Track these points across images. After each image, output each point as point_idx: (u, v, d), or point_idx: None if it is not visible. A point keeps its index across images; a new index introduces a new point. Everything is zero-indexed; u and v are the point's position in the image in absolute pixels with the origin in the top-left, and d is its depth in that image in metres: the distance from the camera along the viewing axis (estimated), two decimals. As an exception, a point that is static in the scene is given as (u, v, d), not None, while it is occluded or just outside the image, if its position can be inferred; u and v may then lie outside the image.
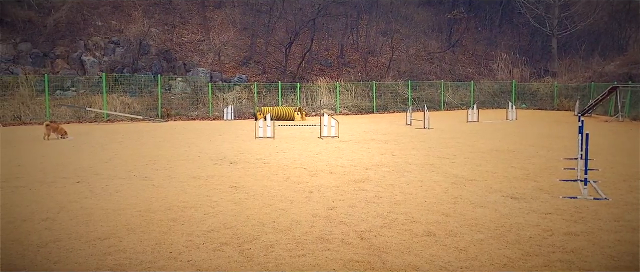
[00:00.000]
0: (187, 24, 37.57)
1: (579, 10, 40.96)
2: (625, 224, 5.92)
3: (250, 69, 35.57)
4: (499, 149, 13.15)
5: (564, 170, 9.45)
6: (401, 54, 39.94)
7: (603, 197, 7.26)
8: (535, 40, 44.24)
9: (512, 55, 39.47)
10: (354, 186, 8.28)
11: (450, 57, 42.10)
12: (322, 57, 38.64)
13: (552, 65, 39.80)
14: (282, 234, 5.61)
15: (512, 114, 24.55)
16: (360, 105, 32.19)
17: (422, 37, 42.53)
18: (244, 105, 29.58)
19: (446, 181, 8.74)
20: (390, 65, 38.16)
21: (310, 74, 35.80)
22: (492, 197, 7.37)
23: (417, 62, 40.28)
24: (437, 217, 6.26)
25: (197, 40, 36.16)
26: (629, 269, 4.48)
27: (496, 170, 9.83)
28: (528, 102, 34.36)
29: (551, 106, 33.31)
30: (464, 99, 34.34)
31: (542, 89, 34.85)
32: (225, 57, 35.30)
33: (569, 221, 6.07)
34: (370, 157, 11.68)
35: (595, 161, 10.53)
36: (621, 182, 8.49)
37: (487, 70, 40.34)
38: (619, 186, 8.16)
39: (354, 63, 39.06)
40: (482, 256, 4.84)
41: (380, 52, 40.23)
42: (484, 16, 46.45)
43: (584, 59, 37.89)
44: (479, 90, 35.18)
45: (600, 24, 41.72)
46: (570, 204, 6.89)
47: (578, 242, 5.24)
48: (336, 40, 39.89)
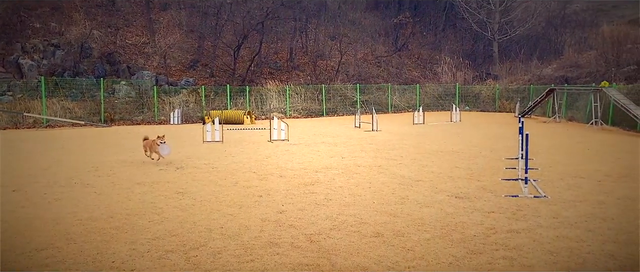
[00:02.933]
0: (131, 26, 36.55)
1: (518, 16, 42.72)
2: (563, 220, 6.19)
3: (197, 72, 34.97)
4: (444, 150, 13.49)
5: (506, 169, 9.78)
6: (350, 58, 40.33)
7: (542, 195, 7.56)
8: (477, 45, 45.72)
9: (456, 59, 40.62)
10: (304, 189, 8.27)
11: (397, 60, 42.86)
12: (271, 60, 38.49)
13: (494, 69, 41.24)
14: (230, 239, 5.52)
15: (456, 116, 25.25)
16: (310, 109, 32.25)
17: (370, 41, 43.12)
18: (191, 109, 29.02)
19: (394, 182, 8.87)
20: (339, 68, 38.45)
21: (260, 78, 35.58)
22: (438, 197, 7.53)
23: (365, 65, 40.78)
24: (385, 218, 6.34)
25: (141, 43, 35.22)
26: (566, 263, 4.67)
27: (441, 170, 10.07)
28: (471, 105, 35.43)
29: (493, 108, 34.49)
30: (410, 102, 35.01)
31: (484, 92, 36.03)
32: (171, 60, 34.55)
33: (511, 218, 6.29)
34: (320, 160, 11.70)
35: (535, 160, 10.95)
36: (559, 181, 8.88)
37: (432, 73, 41.35)
38: (557, 184, 8.53)
39: (303, 66, 39.13)
40: (428, 255, 4.93)
41: (329, 56, 40.48)
42: (428, 21, 47.60)
43: (523, 63, 39.47)
44: (425, 93, 35.98)
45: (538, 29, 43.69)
46: (512, 203, 7.14)
47: (519, 239, 5.43)
48: (285, 44, 39.85)
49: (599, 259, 4.77)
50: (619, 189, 8.05)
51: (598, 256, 4.84)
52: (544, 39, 43.58)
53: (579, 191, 7.92)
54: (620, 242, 5.26)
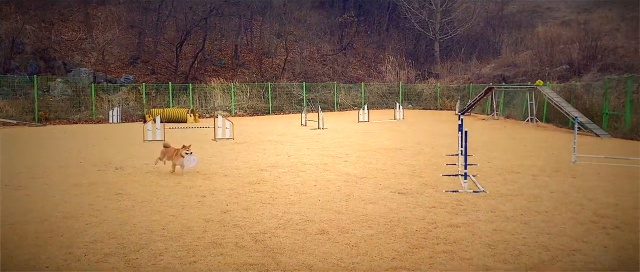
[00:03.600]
0: (67, 21, 35.01)
1: (458, 16, 44.07)
2: (500, 214, 6.42)
3: (138, 69, 33.94)
4: (387, 147, 13.72)
5: (447, 166, 10.07)
6: (295, 56, 40.32)
7: (481, 190, 7.82)
8: (420, 44, 46.81)
9: (399, 58, 41.43)
10: (249, 188, 8.18)
11: (342, 59, 43.22)
12: (215, 57, 37.90)
13: (435, 68, 42.36)
14: (172, 241, 5.38)
15: (399, 114, 25.76)
16: (255, 107, 32.01)
17: (315, 40, 43.27)
18: (131, 108, 28.15)
19: (339, 179, 8.93)
20: (285, 66, 38.36)
21: (204, 75, 34.96)
22: (382, 194, 7.65)
23: (311, 63, 40.89)
24: (331, 215, 6.37)
25: (78, 39, 33.80)
26: (503, 255, 4.85)
27: (385, 167, 10.23)
28: (414, 103, 36.26)
29: (435, 106, 35.43)
30: (355, 100, 35.41)
31: (426, 90, 36.95)
32: (110, 57, 33.35)
33: (451, 213, 6.46)
34: (266, 159, 11.63)
35: (474, 156, 11.34)
36: (497, 176, 9.21)
37: (376, 72, 41.99)
38: (495, 179, 8.85)
39: (248, 64, 38.77)
40: (372, 251, 4.99)
41: (275, 54, 40.31)
42: (372, 20, 48.27)
43: (463, 62, 40.75)
44: (370, 92, 36.49)
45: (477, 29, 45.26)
46: (452, 198, 7.34)
47: (459, 233, 5.59)
48: (230, 41, 39.35)
49: (534, 250, 4.97)
50: (552, 183, 8.44)
51: (532, 248, 5.05)
52: (482, 39, 45.16)
53: (515, 186, 8.24)
54: (553, 234, 5.51)
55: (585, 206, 6.80)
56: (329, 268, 4.56)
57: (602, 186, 8.18)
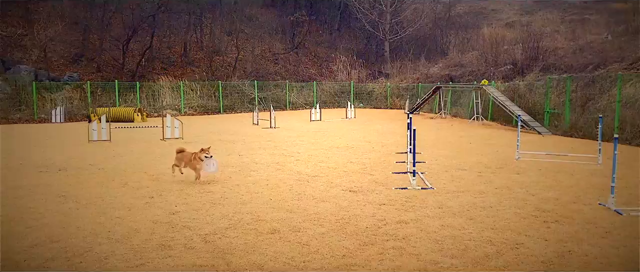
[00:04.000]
0: (6, 16, 33.33)
1: (407, 17, 44.90)
2: (447, 210, 6.59)
3: (82, 67, 32.75)
4: (339, 146, 13.82)
5: (396, 163, 10.25)
6: (247, 54, 39.98)
7: (429, 187, 8.00)
8: (370, 44, 47.39)
9: (351, 58, 41.82)
10: (199, 188, 8.05)
11: (294, 58, 43.21)
12: (164, 55, 37.08)
13: (386, 67, 43.00)
14: (119, 243, 5.23)
15: (351, 112, 26.01)
16: (206, 106, 31.52)
17: (267, 38, 43.06)
18: (75, 107, 27.15)
19: (291, 178, 8.93)
20: (236, 65, 37.98)
21: (152, 73, 34.13)
22: (333, 192, 7.70)
23: (262, 62, 40.65)
24: (282, 214, 6.35)
25: (18, 35, 32.29)
26: (450, 250, 4.98)
27: (337, 166, 10.30)
28: (365, 102, 36.68)
29: (385, 105, 35.97)
30: (307, 99, 35.49)
31: (377, 89, 37.47)
32: (52, 54, 32.03)
33: (400, 210, 6.58)
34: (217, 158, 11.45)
35: (422, 154, 11.60)
36: (444, 173, 9.44)
37: (328, 71, 42.22)
38: (442, 176, 9.07)
39: (198, 62, 38.14)
40: (323, 249, 5.01)
41: (226, 52, 39.83)
42: (324, 20, 48.51)
43: (412, 62, 41.55)
44: (322, 91, 36.65)
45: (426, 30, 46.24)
46: (401, 195, 7.47)
47: (408, 229, 5.70)
48: (179, 38, 38.58)
49: (479, 245, 5.13)
50: (496, 180, 8.73)
51: (478, 243, 5.20)
52: (431, 40, 46.20)
53: (461, 182, 8.48)
54: (498, 229, 5.70)
55: (528, 201, 7.07)
56: (280, 267, 4.55)
57: (543, 182, 8.53)
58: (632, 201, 7.06)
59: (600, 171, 9.60)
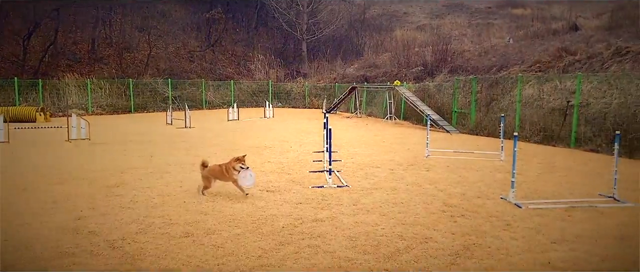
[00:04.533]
0: None
1: (324, 18, 45.49)
2: (361, 207, 6.74)
3: (-24, 63, 30.15)
4: (257, 145, 13.73)
5: (313, 162, 10.34)
6: (160, 51, 38.68)
7: (344, 185, 8.15)
8: (288, 44, 47.54)
9: (269, 57, 41.71)
10: (107, 192, 7.67)
11: (210, 56, 42.38)
12: (70, 51, 34.97)
13: (304, 67, 43.33)
14: (20, 252, 4.86)
15: (269, 112, 25.94)
16: (116, 105, 30.10)
17: (182, 35, 41.90)
18: (-32, 106, 24.91)
19: (206, 179, 8.73)
20: (149, 62, 36.62)
21: (57, 70, 32.07)
22: (250, 192, 7.61)
23: (177, 60, 39.50)
24: (196, 217, 6.20)
25: None
26: (364, 247, 5.09)
27: (254, 166, 10.18)
28: (283, 101, 36.73)
29: (303, 104, 36.23)
30: (225, 98, 34.95)
31: (295, 89, 37.64)
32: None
33: (316, 208, 6.64)
34: (127, 160, 10.98)
35: (338, 153, 11.79)
36: (359, 170, 9.65)
37: (246, 70, 41.83)
38: (357, 174, 9.27)
39: (108, 59, 36.36)
40: (238, 251, 4.95)
41: (137, 49, 38.28)
42: (241, 18, 48.00)
43: (329, 62, 42.19)
44: (239, 90, 36.24)
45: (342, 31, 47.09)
46: (317, 193, 7.55)
47: (323, 227, 5.77)
48: (87, 34, 36.57)
49: (391, 240, 5.29)
50: (408, 176, 9.06)
51: (390, 238, 5.37)
52: (347, 41, 47.15)
53: (375, 179, 8.71)
54: (408, 224, 5.92)
55: (436, 197, 7.40)
56: (193, 271, 4.44)
57: (451, 178, 8.96)
58: (530, 194, 7.59)
59: (502, 166, 10.23)
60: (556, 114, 15.03)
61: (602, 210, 6.65)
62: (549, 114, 15.30)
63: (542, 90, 16.25)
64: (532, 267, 4.54)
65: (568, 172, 9.75)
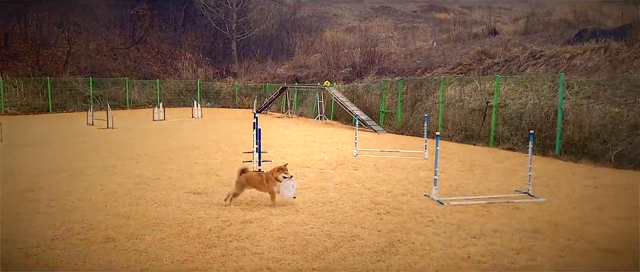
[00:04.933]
0: None
1: (254, 17, 45.17)
2: (290, 207, 6.75)
3: None
4: (184, 146, 13.40)
5: (243, 163, 10.21)
6: (80, 48, 36.84)
7: (273, 185, 8.12)
8: (217, 42, 46.78)
9: (197, 55, 40.84)
10: (21, 197, 7.21)
11: (134, 54, 40.90)
12: (-22, 47, 32.57)
13: (233, 67, 42.79)
14: None
15: (197, 112, 25.40)
16: (32, 104, 28.35)
17: (104, 32, 40.15)
18: None
19: (129, 182, 8.42)
20: (68, 60, 34.77)
21: (-37, 67, 29.77)
22: (176, 195, 7.43)
23: (99, 57, 37.80)
24: (118, 221, 5.96)
25: None
26: (292, 247, 5.10)
27: (181, 167, 9.97)
28: (212, 101, 36.09)
29: (233, 104, 35.77)
30: (150, 98, 33.83)
31: (224, 88, 37.10)
32: None
33: (245, 210, 6.58)
34: (43, 163, 10.38)
35: (269, 153, 11.72)
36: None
37: (172, 68, 40.74)
38: (287, 174, 9.26)
39: (23, 56, 34.16)
40: (163, 255, 4.81)
41: (56, 45, 36.24)
42: (168, 15, 46.69)
43: (260, 62, 41.92)
44: (166, 89, 35.22)
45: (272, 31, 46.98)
46: (247, 194, 7.44)
47: (252, 228, 5.72)
48: (-2, 29, 34.20)
49: (319, 239, 5.34)
50: (337, 176, 9.17)
51: (318, 237, 5.41)
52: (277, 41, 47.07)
53: (305, 179, 8.75)
54: (336, 222, 5.99)
55: (364, 195, 7.54)
56: (115, 278, 4.27)
57: (378, 176, 9.17)
58: (452, 191, 7.91)
59: (426, 165, 10.60)
60: (476, 114, 15.76)
61: (518, 205, 7.04)
62: (469, 114, 16.02)
63: (463, 91, 16.99)
64: (453, 262, 4.73)
65: (487, 169, 10.25)
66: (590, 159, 11.42)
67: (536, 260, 4.77)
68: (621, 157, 10.93)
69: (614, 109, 12.02)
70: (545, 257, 4.86)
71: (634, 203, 7.23)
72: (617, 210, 6.80)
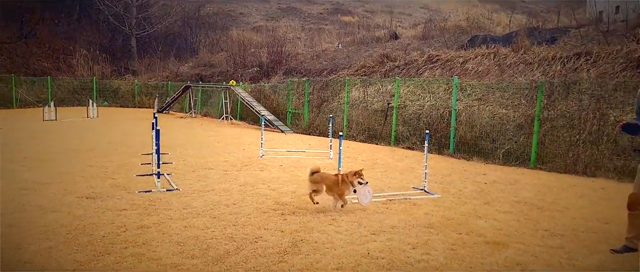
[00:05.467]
0: None
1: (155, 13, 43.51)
2: (192, 210, 6.55)
3: None
4: (77, 148, 12.59)
5: (141, 165, 9.80)
6: (-43, 41, 33.41)
7: (175, 188, 7.86)
8: (116, 38, 44.45)
9: (93, 52, 38.57)
10: None
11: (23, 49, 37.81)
12: None
13: (133, 64, 40.93)
14: None
15: (93, 111, 23.98)
16: None
17: (-14, 24, 36.72)
18: None
19: (15, 187, 7.74)
20: (-58, 53, 31.41)
21: None
22: (67, 200, 6.95)
23: (-21, 52, 34.50)
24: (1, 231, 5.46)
25: None
26: (192, 251, 4.95)
27: (73, 170, 9.34)
28: (110, 100, 34.25)
29: (133, 104, 34.18)
30: (41, 96, 31.39)
31: (123, 87, 35.36)
32: None
33: (142, 214, 6.29)
34: None
35: (170, 154, 11.35)
36: (191, 173, 9.39)
37: (66, 65, 38.14)
38: (189, 176, 9.01)
39: None
40: (49, 265, 4.47)
41: None
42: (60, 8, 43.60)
43: (161, 59, 40.43)
44: (58, 87, 32.90)
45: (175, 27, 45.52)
46: (145, 198, 7.16)
47: (149, 234, 5.48)
48: None
49: (221, 243, 5.22)
50: (241, 177, 9.06)
51: (220, 240, 5.30)
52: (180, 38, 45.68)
53: (208, 181, 8.55)
54: (239, 225, 5.91)
55: (269, 196, 7.51)
56: (-8, 293, 3.90)
57: (283, 177, 9.18)
58: (354, 190, 8.10)
59: (331, 164, 10.76)
60: (379, 114, 16.31)
61: (415, 201, 7.36)
62: (373, 115, 16.54)
63: (367, 92, 17.51)
64: (353, 259, 4.83)
65: (388, 168, 10.62)
66: (481, 157, 12.23)
67: (430, 254, 5.01)
68: (508, 154, 11.82)
69: (502, 111, 12.96)
70: (438, 250, 5.12)
71: (517, 198, 7.83)
72: (503, 204, 7.33)
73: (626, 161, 10.04)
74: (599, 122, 10.74)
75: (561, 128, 11.27)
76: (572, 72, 14.14)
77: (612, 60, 13.69)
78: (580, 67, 14.27)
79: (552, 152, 11.17)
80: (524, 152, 11.62)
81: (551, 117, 11.54)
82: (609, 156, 10.31)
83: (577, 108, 11.19)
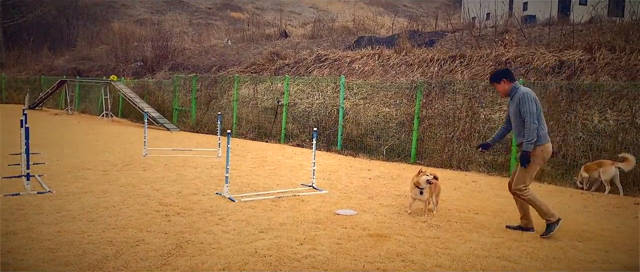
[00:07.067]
0: None
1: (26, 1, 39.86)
2: (66, 214, 6.09)
3: None
4: None
5: (9, 166, 8.96)
6: None
7: (47, 191, 7.26)
8: (-22, 26, 40.08)
9: (-50, 41, 34.46)
10: None
11: None
12: None
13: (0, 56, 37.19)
14: None
15: (-50, 107, 21.42)
16: None
17: None
18: None
19: None
20: None
21: None
22: None
23: None
24: None
25: None
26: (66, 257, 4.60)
27: None
28: (-28, 95, 30.83)
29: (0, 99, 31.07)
30: None
31: (-12, 81, 32.00)
32: None
33: (8, 219, 5.74)
34: None
35: (42, 154, 10.50)
36: (66, 174, 8.73)
37: None
38: (64, 177, 8.37)
39: None
40: None
41: None
42: None
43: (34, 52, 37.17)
44: None
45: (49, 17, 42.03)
46: (12, 202, 6.54)
47: (17, 240, 5.01)
48: None
49: (98, 247, 4.91)
50: (122, 177, 8.59)
51: (97, 245, 4.98)
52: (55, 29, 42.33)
53: (84, 183, 8.00)
54: (119, 228, 5.59)
55: (152, 197, 7.20)
56: None
57: (168, 176, 8.85)
58: (243, 188, 8.04)
59: (219, 163, 10.58)
60: (269, 112, 16.32)
61: (303, 198, 7.47)
62: (262, 113, 16.53)
63: (257, 90, 17.46)
64: (241, 258, 4.78)
65: (277, 165, 10.67)
66: (366, 153, 12.72)
67: (317, 249, 5.11)
68: (391, 151, 12.41)
69: (385, 109, 13.59)
70: (324, 245, 5.24)
71: (399, 192, 8.26)
72: (386, 198, 7.69)
73: (494, 157, 11.02)
74: (471, 120, 11.65)
75: (438, 126, 12.05)
76: (448, 74, 15.17)
77: (483, 62, 14.88)
78: (456, 68, 15.34)
79: (430, 148, 11.92)
80: (405, 148, 12.28)
81: (429, 115, 12.31)
82: (479, 151, 11.23)
83: (452, 107, 12.04)
